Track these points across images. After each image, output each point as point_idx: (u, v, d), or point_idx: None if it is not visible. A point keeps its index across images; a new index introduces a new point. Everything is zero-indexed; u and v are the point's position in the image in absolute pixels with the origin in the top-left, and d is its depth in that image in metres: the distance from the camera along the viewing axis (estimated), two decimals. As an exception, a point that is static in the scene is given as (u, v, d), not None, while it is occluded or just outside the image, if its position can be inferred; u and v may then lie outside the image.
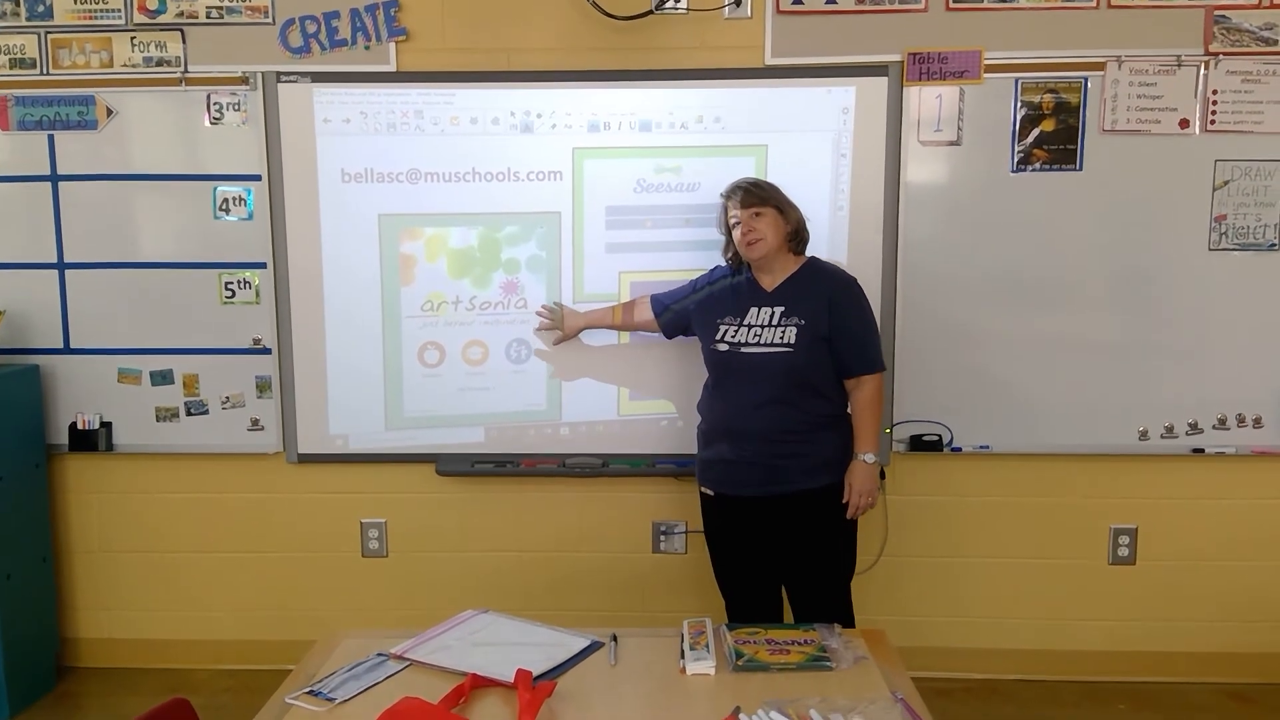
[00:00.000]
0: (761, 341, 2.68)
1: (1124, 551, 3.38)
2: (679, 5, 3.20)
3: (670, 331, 3.06)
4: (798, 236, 2.77)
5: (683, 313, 2.97)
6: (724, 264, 2.93)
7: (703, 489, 2.90)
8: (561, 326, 3.21)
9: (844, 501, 2.72)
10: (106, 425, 3.41)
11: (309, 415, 3.36)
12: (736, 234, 2.74)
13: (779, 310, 2.70)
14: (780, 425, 2.69)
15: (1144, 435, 3.28)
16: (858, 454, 2.72)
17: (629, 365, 3.33)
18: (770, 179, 2.93)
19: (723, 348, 2.75)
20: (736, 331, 2.73)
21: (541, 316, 3.24)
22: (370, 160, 3.24)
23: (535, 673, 1.93)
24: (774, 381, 2.67)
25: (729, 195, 2.78)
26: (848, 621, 2.73)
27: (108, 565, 3.54)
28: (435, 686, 1.91)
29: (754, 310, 2.73)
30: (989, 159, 3.19)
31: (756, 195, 2.72)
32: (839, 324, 2.68)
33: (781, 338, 2.67)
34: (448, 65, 3.24)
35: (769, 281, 2.76)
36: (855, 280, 2.79)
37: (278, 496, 3.47)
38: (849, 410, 2.77)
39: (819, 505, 2.71)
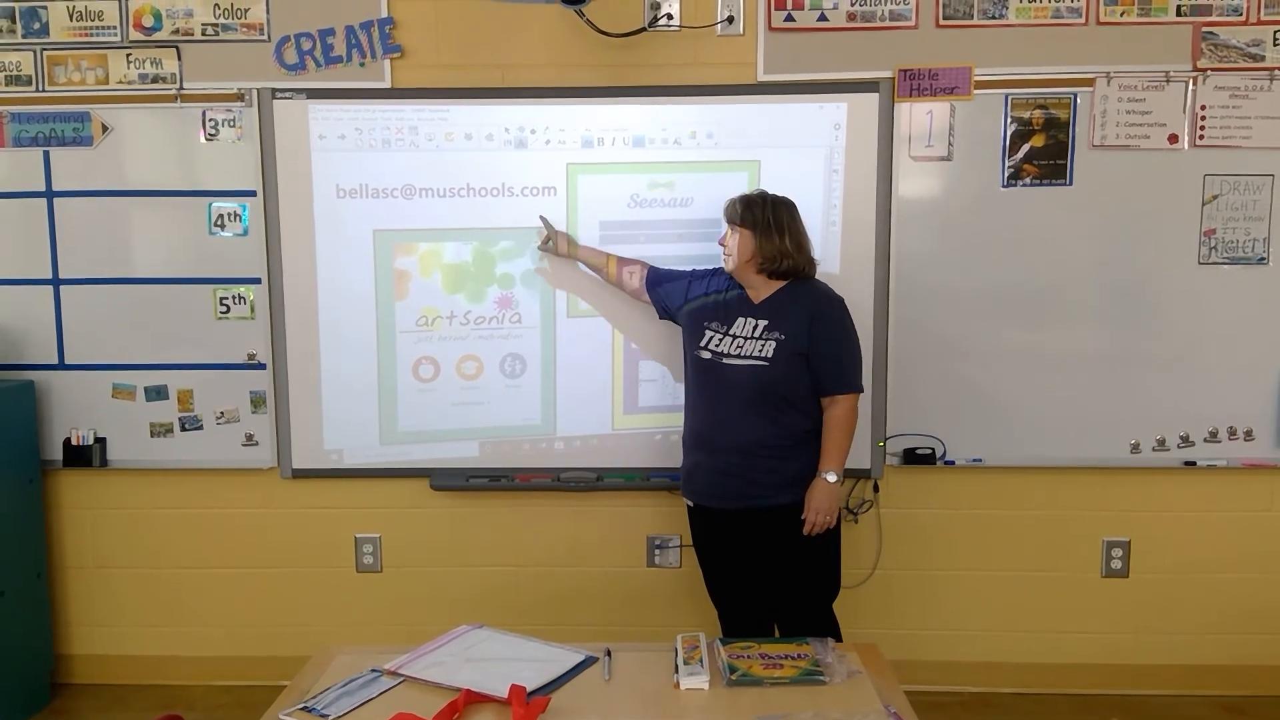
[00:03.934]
0: (742, 354, 2.69)
1: (1117, 564, 3.39)
2: (672, 22, 3.22)
3: (659, 311, 3.05)
4: (774, 264, 2.72)
5: (669, 307, 2.98)
6: (722, 269, 2.94)
7: (685, 500, 2.92)
8: (557, 249, 3.18)
9: (802, 518, 2.71)
10: (101, 441, 3.41)
11: (303, 430, 3.36)
12: None
13: (763, 324, 2.71)
14: (754, 438, 2.69)
15: (1136, 448, 3.29)
16: (820, 471, 2.70)
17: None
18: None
19: (705, 355, 2.76)
20: (721, 340, 2.74)
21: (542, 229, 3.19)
22: (365, 176, 3.26)
23: (529, 688, 1.94)
24: (749, 394, 2.68)
25: (727, 203, 2.81)
26: (833, 638, 2.72)
27: (102, 581, 3.53)
28: (429, 702, 1.91)
29: (740, 320, 2.74)
30: (980, 174, 3.21)
31: (738, 213, 2.76)
32: (818, 342, 2.69)
33: (760, 351, 2.68)
34: (442, 82, 3.26)
35: (756, 295, 2.77)
36: (841, 300, 2.79)
37: (272, 512, 3.47)
38: None
39: (791, 521, 2.71)
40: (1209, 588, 3.38)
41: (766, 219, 2.73)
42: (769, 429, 2.69)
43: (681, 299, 2.95)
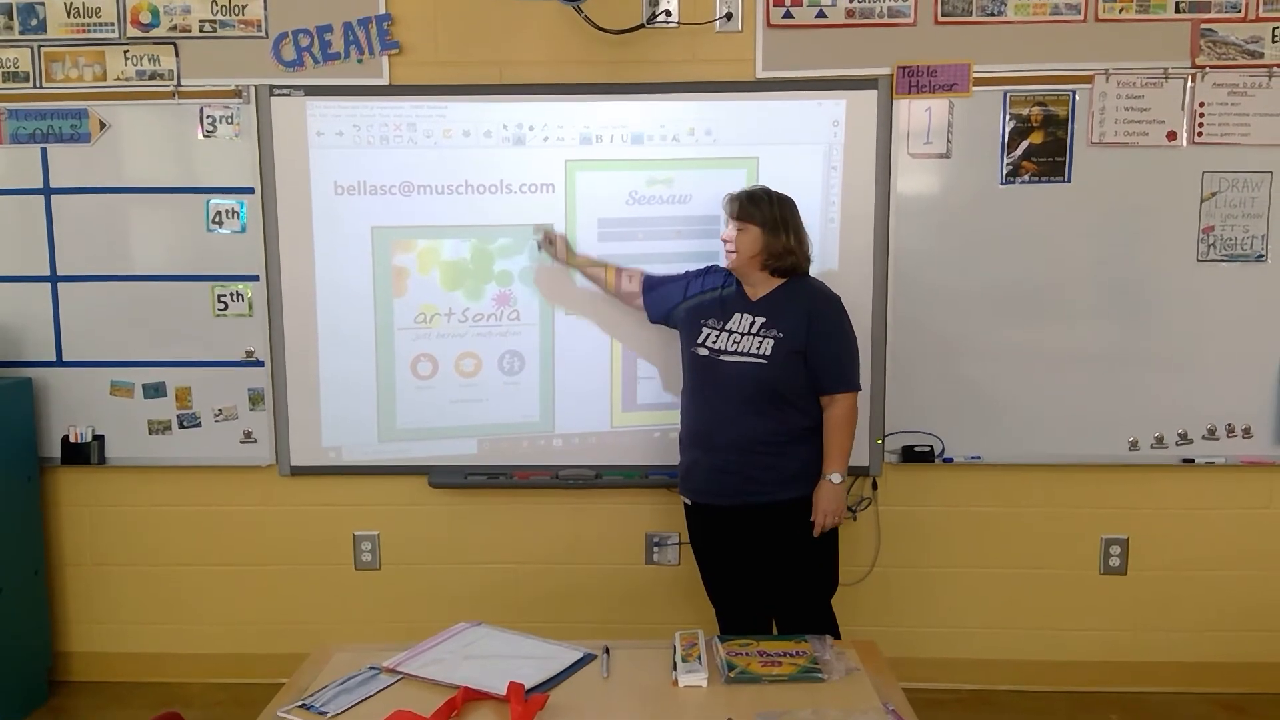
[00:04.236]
0: (740, 350, 2.69)
1: (1115, 561, 3.39)
2: (670, 19, 3.22)
3: (652, 313, 3.04)
4: (779, 260, 2.72)
5: (665, 308, 2.97)
6: (720, 267, 2.93)
7: (683, 498, 2.92)
8: (558, 255, 3.17)
9: (811, 520, 2.72)
10: (99, 438, 3.41)
11: (302, 428, 3.36)
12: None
13: (760, 320, 2.71)
14: (752, 436, 2.69)
15: (1134, 446, 3.29)
16: (825, 474, 2.71)
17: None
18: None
19: (703, 353, 2.75)
20: (718, 337, 2.74)
21: (540, 237, 3.19)
22: (363, 173, 3.25)
23: (528, 685, 1.94)
24: (747, 392, 2.68)
25: (727, 199, 2.79)
26: (832, 634, 2.72)
27: (100, 579, 3.53)
28: (427, 700, 1.91)
29: (737, 317, 2.74)
30: (978, 171, 3.21)
31: (745, 209, 2.73)
32: (816, 341, 2.69)
33: (758, 348, 2.68)
34: (440, 78, 3.25)
35: (753, 293, 2.77)
36: (838, 299, 2.79)
37: (270, 509, 3.47)
38: None
39: (789, 518, 2.71)
40: (1207, 585, 3.38)
41: (773, 215, 2.72)
42: (767, 425, 2.69)
43: (681, 295, 2.94)
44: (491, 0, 3.21)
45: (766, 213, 2.72)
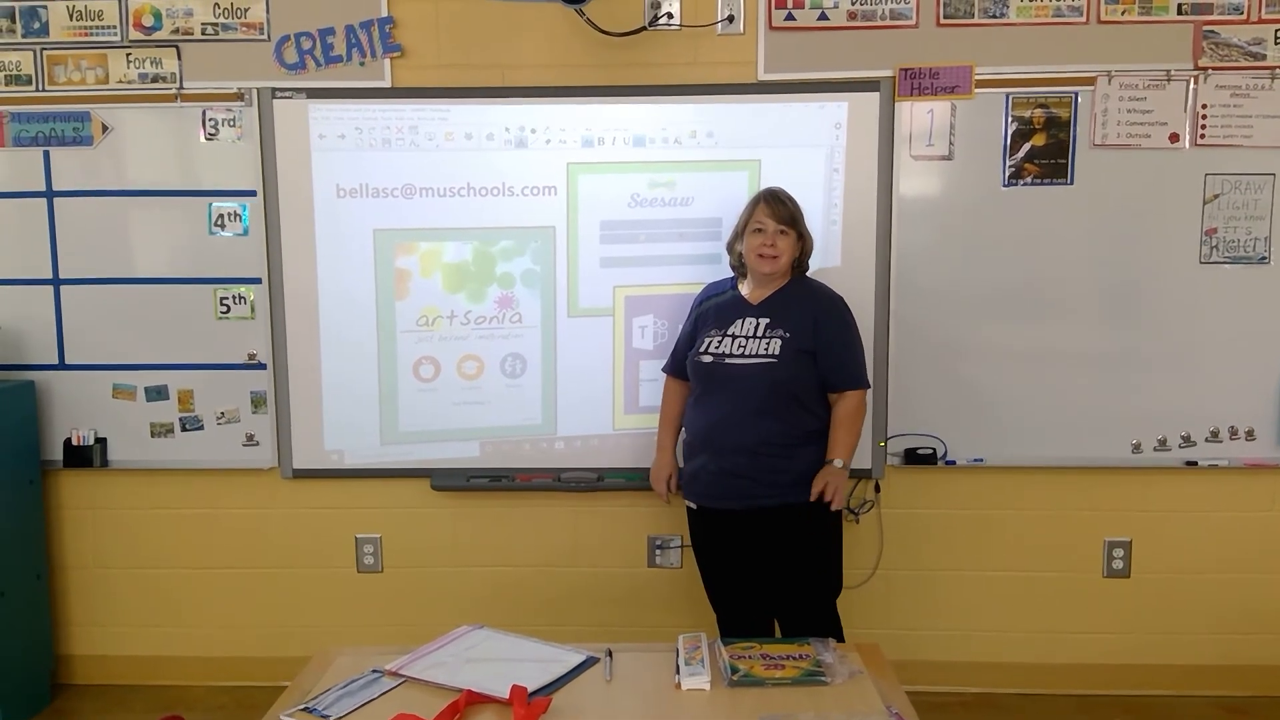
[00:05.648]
0: (746, 353, 2.69)
1: (1119, 564, 3.38)
2: (672, 21, 3.22)
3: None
4: (804, 260, 2.81)
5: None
6: (710, 283, 2.95)
7: (687, 502, 2.91)
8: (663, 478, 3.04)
9: (812, 499, 2.68)
10: (101, 441, 3.41)
11: (304, 431, 3.36)
12: (754, 240, 2.74)
13: (764, 322, 2.71)
14: (762, 437, 2.69)
15: (1137, 448, 3.28)
16: (829, 459, 2.70)
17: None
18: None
19: (707, 359, 2.75)
20: (721, 342, 2.74)
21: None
22: (365, 176, 3.25)
23: (530, 689, 1.94)
24: (758, 393, 2.68)
25: (766, 199, 2.76)
26: (836, 638, 2.72)
27: (102, 582, 3.53)
28: (430, 703, 1.91)
29: (739, 322, 2.74)
30: (980, 173, 3.21)
31: (788, 214, 2.74)
32: (823, 339, 2.69)
33: (766, 349, 2.68)
34: (442, 81, 3.25)
35: (756, 295, 2.78)
36: (842, 298, 2.80)
37: (273, 512, 3.46)
38: None
39: (800, 520, 2.71)
40: (1211, 588, 3.38)
41: (803, 222, 2.79)
42: (775, 427, 2.69)
43: (693, 326, 2.91)
44: (493, 3, 3.22)
45: (800, 219, 2.77)
